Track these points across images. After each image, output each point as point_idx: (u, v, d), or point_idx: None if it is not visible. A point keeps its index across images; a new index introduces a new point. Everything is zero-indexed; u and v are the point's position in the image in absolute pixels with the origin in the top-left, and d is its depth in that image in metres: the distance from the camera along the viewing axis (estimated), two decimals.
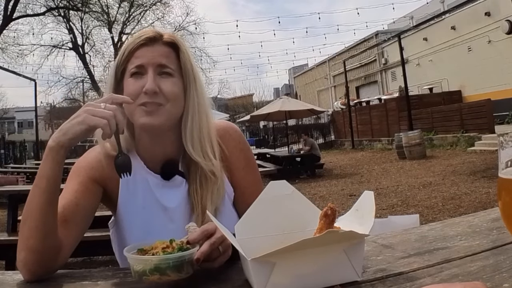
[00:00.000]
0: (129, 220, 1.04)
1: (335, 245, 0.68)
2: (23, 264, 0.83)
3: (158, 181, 1.04)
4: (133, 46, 0.99)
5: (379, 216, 4.62)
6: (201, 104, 1.04)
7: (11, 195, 4.10)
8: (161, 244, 0.73)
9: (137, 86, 0.97)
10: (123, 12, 24.65)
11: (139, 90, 0.96)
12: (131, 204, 1.03)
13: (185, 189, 1.04)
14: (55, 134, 0.86)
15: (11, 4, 19.14)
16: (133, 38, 1.01)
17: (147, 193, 1.04)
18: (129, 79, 0.99)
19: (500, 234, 0.83)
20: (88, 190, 0.99)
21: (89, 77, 25.87)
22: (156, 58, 0.98)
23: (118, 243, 1.08)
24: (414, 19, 24.35)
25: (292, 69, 40.45)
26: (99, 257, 4.16)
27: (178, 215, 1.03)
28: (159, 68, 0.99)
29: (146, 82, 0.96)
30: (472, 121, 13.11)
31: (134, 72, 0.98)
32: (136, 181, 1.03)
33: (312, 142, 12.44)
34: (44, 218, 0.83)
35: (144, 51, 0.98)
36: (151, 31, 1.01)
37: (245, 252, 0.68)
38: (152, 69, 0.97)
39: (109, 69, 11.07)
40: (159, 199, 1.03)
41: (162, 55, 0.99)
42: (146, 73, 0.97)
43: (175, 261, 0.68)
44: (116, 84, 1.02)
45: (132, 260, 0.69)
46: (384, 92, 22.82)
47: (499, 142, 0.65)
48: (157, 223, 1.02)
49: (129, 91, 0.98)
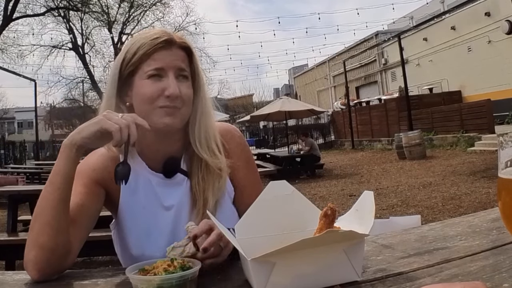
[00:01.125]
0: (130, 220, 1.04)
1: (335, 245, 0.68)
2: (33, 263, 0.83)
3: (160, 180, 1.05)
4: (150, 48, 0.98)
5: (379, 216, 4.63)
6: (207, 105, 1.07)
7: (11, 195, 4.11)
8: (162, 263, 0.73)
9: (157, 88, 0.98)
10: (123, 12, 24.69)
11: (158, 92, 0.98)
12: (132, 204, 1.04)
13: (186, 186, 1.06)
14: (72, 133, 0.88)
15: (11, 5, 19.15)
16: (147, 39, 1.00)
17: (149, 193, 1.05)
18: (146, 81, 0.99)
19: (500, 234, 0.83)
20: (92, 192, 1.00)
21: (89, 78, 25.88)
22: (175, 62, 1.00)
23: (120, 243, 1.08)
24: (414, 19, 24.35)
25: (292, 69, 40.44)
26: (99, 257, 4.15)
27: (179, 213, 1.04)
28: (178, 72, 1.01)
29: (166, 85, 0.98)
30: (472, 121, 13.12)
31: (152, 74, 0.99)
32: (138, 182, 1.04)
33: (312, 142, 12.43)
34: (57, 215, 0.84)
35: (164, 54, 0.99)
36: (165, 33, 1.01)
37: (245, 252, 0.68)
38: (172, 73, 0.99)
39: (109, 68, 10.98)
40: (161, 198, 1.04)
41: (179, 59, 1.01)
42: (166, 76, 0.99)
43: (177, 280, 0.68)
44: (121, 82, 1.02)
45: (135, 280, 0.70)
46: (384, 92, 22.81)
47: (499, 142, 0.66)
48: (158, 222, 1.03)
49: (146, 92, 0.98)
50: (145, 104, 0.99)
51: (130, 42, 1.03)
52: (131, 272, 0.72)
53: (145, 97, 0.98)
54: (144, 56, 0.99)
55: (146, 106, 0.99)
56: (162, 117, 0.98)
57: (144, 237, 1.02)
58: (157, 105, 0.98)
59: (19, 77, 18.16)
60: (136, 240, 1.03)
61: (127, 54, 1.01)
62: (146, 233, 1.02)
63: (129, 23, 25.18)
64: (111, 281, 0.80)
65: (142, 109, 0.99)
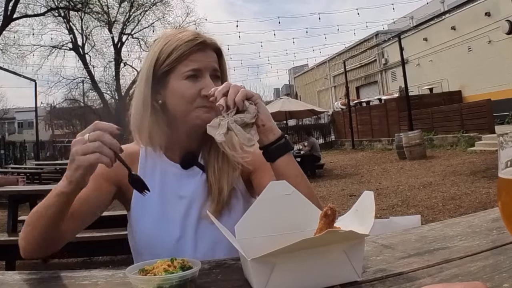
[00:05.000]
0: (143, 208, 1.06)
1: (335, 245, 0.68)
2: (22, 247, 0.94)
3: (177, 170, 1.09)
4: (186, 50, 1.01)
5: (379, 216, 4.63)
6: None
7: (11, 195, 4.11)
8: (162, 263, 0.73)
9: (195, 89, 1.02)
10: (123, 12, 24.68)
11: (197, 93, 1.02)
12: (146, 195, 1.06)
13: (202, 178, 1.09)
14: (62, 183, 0.87)
15: (11, 5, 19.16)
16: (182, 41, 1.02)
17: (165, 182, 1.09)
18: (183, 81, 1.03)
19: (500, 234, 0.83)
20: (100, 187, 1.04)
21: (89, 78, 25.88)
22: (211, 63, 1.05)
23: (132, 233, 1.10)
24: (414, 19, 24.34)
25: (292, 69, 40.40)
26: (99, 257, 4.16)
27: (192, 203, 1.07)
28: (213, 72, 1.05)
29: (203, 85, 1.02)
30: (472, 121, 13.12)
31: (190, 75, 1.02)
32: (155, 171, 1.09)
33: (314, 143, 12.43)
34: (50, 226, 0.90)
35: (201, 56, 1.03)
36: (199, 35, 1.04)
37: (245, 252, 0.68)
38: (208, 74, 1.04)
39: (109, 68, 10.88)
40: (176, 188, 1.08)
41: (213, 60, 1.06)
42: (201, 76, 1.03)
43: (177, 280, 0.68)
44: (156, 81, 1.05)
45: (135, 281, 0.70)
46: (384, 92, 22.81)
47: (499, 142, 0.65)
48: (170, 210, 1.06)
49: (185, 92, 1.02)
50: (183, 104, 1.03)
51: (163, 42, 1.05)
52: (131, 272, 0.72)
53: (184, 97, 1.02)
54: (181, 58, 1.02)
55: (184, 106, 1.03)
56: (202, 114, 1.02)
57: (156, 224, 1.05)
58: (196, 105, 1.02)
59: (20, 77, 18.23)
60: (148, 228, 1.05)
61: (160, 54, 1.03)
62: (158, 221, 1.05)
63: (129, 23, 25.19)
64: (111, 281, 0.80)
65: (180, 108, 1.04)
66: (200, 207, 1.06)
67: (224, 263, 0.86)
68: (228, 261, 0.87)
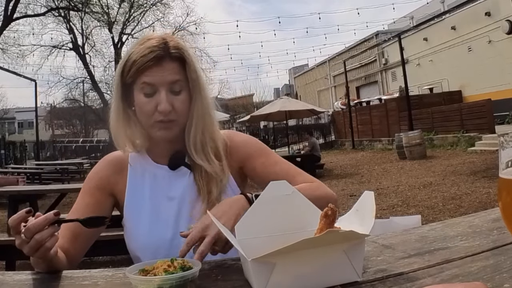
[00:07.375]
0: (136, 213, 1.07)
1: (335, 245, 0.68)
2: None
3: (165, 172, 1.09)
4: (141, 66, 0.99)
5: (379, 216, 4.62)
6: (204, 107, 1.07)
7: (12, 195, 4.11)
8: (162, 264, 0.73)
9: (150, 105, 1.01)
10: (123, 13, 24.66)
11: (153, 109, 1.01)
12: (138, 198, 1.08)
13: (190, 178, 1.09)
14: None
15: (12, 5, 19.15)
16: (139, 54, 0.99)
17: (154, 185, 1.09)
18: (141, 96, 1.02)
19: (500, 234, 0.83)
20: (99, 202, 1.06)
21: (89, 78, 25.87)
22: (167, 77, 1.00)
23: (128, 238, 1.10)
24: (414, 19, 24.33)
25: (292, 69, 40.38)
26: (99, 258, 4.15)
27: (182, 203, 1.07)
28: (170, 86, 1.02)
29: (159, 100, 1.00)
30: (472, 121, 13.11)
31: (146, 91, 1.01)
32: (144, 176, 1.10)
33: (314, 143, 12.43)
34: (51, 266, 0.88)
35: (155, 71, 0.99)
36: (156, 47, 0.99)
37: (245, 252, 0.68)
38: (164, 89, 1.01)
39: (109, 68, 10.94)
40: (165, 189, 1.08)
41: (171, 72, 1.01)
42: (158, 91, 1.01)
43: (177, 280, 0.68)
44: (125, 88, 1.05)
45: (135, 281, 0.70)
46: (384, 92, 22.79)
47: (500, 142, 0.65)
48: (162, 212, 1.06)
49: (142, 107, 1.02)
50: (143, 117, 1.04)
51: (130, 51, 1.04)
52: (131, 272, 0.72)
53: (142, 111, 1.03)
54: (138, 72, 1.00)
55: (145, 119, 1.04)
56: (159, 130, 1.03)
57: (149, 227, 1.05)
58: (154, 119, 1.02)
59: (20, 77, 18.23)
60: (142, 232, 1.05)
61: (126, 63, 1.02)
62: (151, 224, 1.05)
63: (129, 23, 25.17)
64: (111, 281, 0.80)
65: (142, 120, 1.05)
66: (191, 207, 1.06)
67: (224, 263, 0.86)
68: (228, 261, 0.87)
